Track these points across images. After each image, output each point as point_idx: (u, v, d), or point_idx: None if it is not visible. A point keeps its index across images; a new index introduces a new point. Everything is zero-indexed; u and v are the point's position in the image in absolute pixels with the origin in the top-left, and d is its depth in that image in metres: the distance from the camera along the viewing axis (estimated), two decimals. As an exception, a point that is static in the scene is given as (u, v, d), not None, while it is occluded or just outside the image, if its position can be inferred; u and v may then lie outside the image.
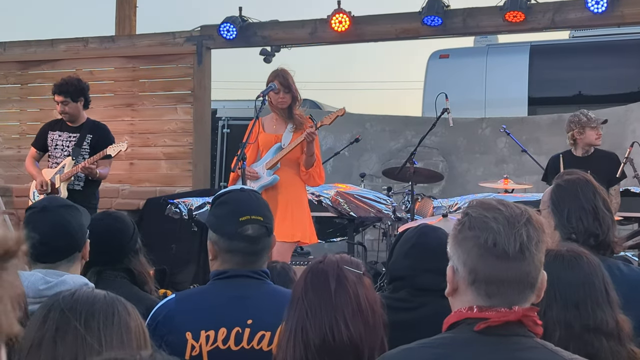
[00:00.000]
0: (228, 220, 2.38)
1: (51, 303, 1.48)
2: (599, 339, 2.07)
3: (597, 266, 2.20)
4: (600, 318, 2.11)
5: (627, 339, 2.13)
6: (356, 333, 2.00)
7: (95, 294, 1.49)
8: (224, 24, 7.93)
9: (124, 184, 8.15)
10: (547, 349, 1.60)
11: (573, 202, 2.67)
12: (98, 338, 1.42)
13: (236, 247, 2.37)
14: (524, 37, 10.21)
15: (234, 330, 2.28)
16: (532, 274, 1.60)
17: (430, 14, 7.38)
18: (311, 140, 4.88)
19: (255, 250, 2.38)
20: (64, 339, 1.42)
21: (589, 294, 2.13)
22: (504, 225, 1.59)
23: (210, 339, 2.27)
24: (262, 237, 2.39)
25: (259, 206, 2.44)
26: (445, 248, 2.56)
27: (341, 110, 5.10)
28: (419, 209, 6.57)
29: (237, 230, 2.36)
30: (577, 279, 2.16)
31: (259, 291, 2.38)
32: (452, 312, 1.66)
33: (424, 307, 2.53)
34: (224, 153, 10.53)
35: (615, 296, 2.17)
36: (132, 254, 2.90)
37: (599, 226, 2.62)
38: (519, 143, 7.55)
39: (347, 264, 2.09)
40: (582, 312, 2.12)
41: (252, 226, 2.37)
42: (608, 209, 2.67)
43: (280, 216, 4.95)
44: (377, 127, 10.04)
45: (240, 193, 2.49)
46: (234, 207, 2.41)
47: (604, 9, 6.93)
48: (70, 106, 5.87)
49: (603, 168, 5.61)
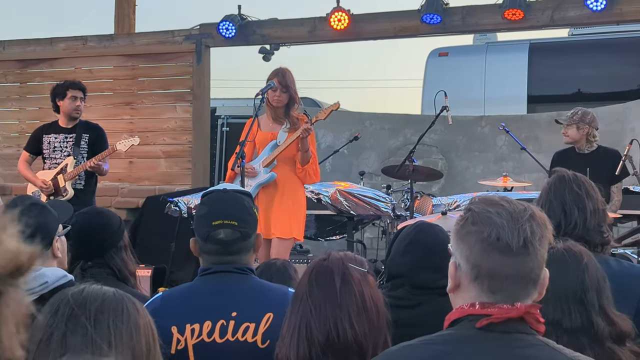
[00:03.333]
0: (203, 223, 2.43)
1: (59, 299, 1.48)
2: (590, 341, 2.07)
3: (592, 264, 2.20)
4: (592, 320, 2.10)
5: (628, 339, 2.12)
6: (361, 331, 1.99)
7: (105, 291, 1.48)
8: (223, 22, 7.92)
9: (124, 183, 8.16)
10: (549, 346, 1.59)
11: (545, 196, 2.74)
12: (107, 336, 1.41)
13: (209, 250, 2.42)
14: (523, 35, 10.22)
15: (219, 323, 2.30)
16: (535, 269, 1.59)
17: (430, 11, 7.38)
18: (306, 136, 4.88)
19: (229, 252, 2.41)
20: (72, 337, 1.41)
21: (581, 295, 2.13)
22: (507, 220, 1.58)
23: (195, 333, 2.29)
24: (236, 241, 2.40)
25: (236, 210, 2.44)
26: (442, 245, 2.57)
27: (335, 104, 5.09)
28: (418, 207, 6.57)
29: (210, 234, 2.39)
30: (570, 279, 2.16)
31: (244, 285, 2.40)
32: (454, 309, 1.65)
33: (423, 305, 2.52)
34: (223, 151, 10.52)
35: (610, 295, 2.17)
36: (114, 250, 2.89)
37: (563, 218, 2.64)
38: (518, 141, 7.54)
39: (351, 261, 2.09)
40: (572, 311, 2.12)
41: (225, 231, 2.39)
42: (581, 202, 2.68)
43: (278, 213, 4.95)
44: (376, 125, 10.04)
45: (221, 194, 2.50)
46: (209, 210, 2.45)
47: (603, 6, 6.93)
48: (83, 104, 6.00)
49: (605, 165, 5.61)
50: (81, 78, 6.98)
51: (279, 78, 4.95)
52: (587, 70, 10.41)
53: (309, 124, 4.90)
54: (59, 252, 2.52)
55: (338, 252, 2.14)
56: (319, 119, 5.05)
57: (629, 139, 6.20)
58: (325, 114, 5.05)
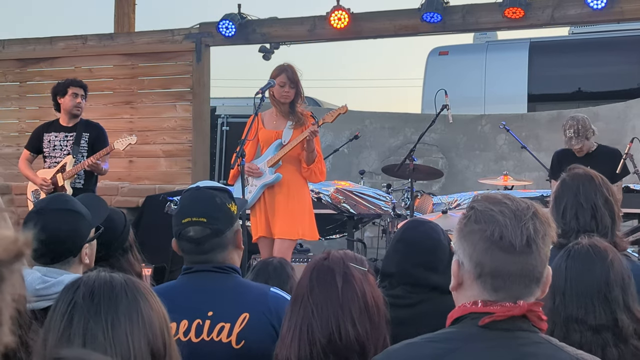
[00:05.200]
0: (175, 221, 2.44)
1: (70, 299, 1.49)
2: (615, 338, 2.05)
3: (618, 261, 2.17)
4: (617, 317, 2.08)
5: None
6: (363, 331, 1.98)
7: (118, 292, 1.50)
8: (222, 21, 7.92)
9: (124, 182, 8.15)
10: (551, 344, 1.59)
11: (571, 198, 2.66)
12: (119, 334, 1.45)
13: (183, 248, 2.43)
14: (523, 34, 10.21)
15: (195, 322, 2.30)
16: (538, 268, 1.59)
17: (430, 10, 7.37)
18: (312, 138, 4.86)
19: (202, 251, 2.40)
20: (87, 335, 1.44)
21: (606, 291, 2.11)
22: (510, 218, 1.58)
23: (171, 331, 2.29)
24: (207, 238, 2.39)
25: (206, 207, 2.42)
26: (432, 241, 2.57)
27: (343, 107, 5.08)
28: (419, 205, 6.56)
29: (181, 232, 2.41)
30: (595, 275, 2.14)
31: (223, 284, 2.39)
32: (457, 307, 1.64)
33: (423, 304, 2.51)
34: (223, 150, 10.52)
35: (635, 293, 2.15)
36: (120, 252, 2.83)
37: (595, 225, 2.61)
38: (518, 140, 7.54)
39: (351, 260, 2.07)
40: (596, 308, 2.09)
41: (194, 228, 2.39)
42: (610, 207, 2.64)
43: (281, 213, 4.93)
44: (376, 124, 10.03)
45: (193, 192, 2.50)
46: (180, 208, 2.47)
47: (603, 5, 6.92)
48: (84, 102, 6.00)
49: (605, 164, 5.60)
50: (81, 77, 6.97)
51: (288, 74, 4.94)
52: (588, 69, 10.41)
53: (316, 126, 4.88)
54: (87, 257, 2.45)
55: (338, 251, 2.12)
56: (326, 121, 5.03)
57: (629, 137, 6.19)
58: (333, 116, 5.04)
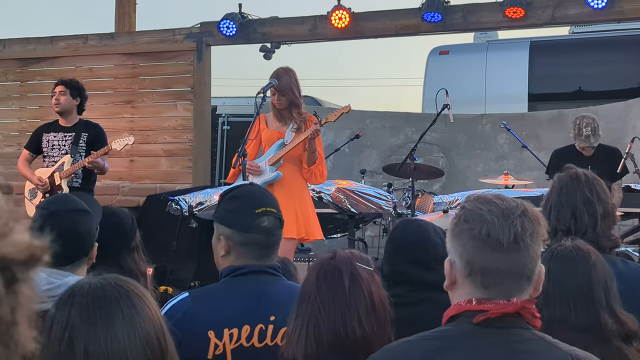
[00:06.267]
0: (243, 213, 2.34)
1: (65, 320, 1.49)
2: (597, 338, 2.07)
3: (600, 263, 2.19)
4: (599, 317, 2.10)
5: (635, 339, 2.12)
6: (369, 330, 1.98)
7: (113, 308, 1.50)
8: (223, 20, 7.92)
9: (124, 181, 8.15)
10: (545, 341, 1.61)
11: (555, 197, 2.69)
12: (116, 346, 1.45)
13: (252, 240, 2.32)
14: (523, 33, 10.21)
15: (258, 327, 2.25)
16: (528, 265, 1.61)
17: (430, 10, 7.38)
18: (314, 137, 4.85)
19: (270, 243, 2.36)
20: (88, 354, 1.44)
21: (588, 292, 2.13)
22: (498, 216, 1.60)
23: (234, 337, 2.23)
24: (277, 228, 2.38)
25: (271, 199, 2.44)
26: (423, 239, 2.58)
27: (346, 107, 5.08)
28: (420, 205, 6.57)
29: (254, 223, 2.32)
30: (577, 276, 2.16)
31: (277, 287, 2.34)
32: (452, 305, 1.67)
33: (424, 303, 2.51)
34: (224, 150, 10.53)
35: (617, 294, 2.17)
36: (126, 251, 2.82)
37: (574, 224, 2.61)
38: (519, 139, 7.54)
39: (358, 260, 2.07)
40: (579, 309, 2.11)
41: (268, 218, 2.35)
42: (591, 206, 2.62)
43: (283, 213, 4.92)
44: (377, 123, 10.04)
45: (250, 187, 2.50)
46: (248, 200, 2.38)
47: (604, 4, 6.92)
48: (67, 98, 5.96)
49: (606, 163, 5.61)
50: (82, 77, 6.99)
51: (276, 84, 4.83)
52: (588, 68, 10.42)
53: (318, 125, 4.86)
54: (94, 256, 2.47)
55: (344, 251, 2.11)
56: (329, 120, 5.02)
57: (630, 136, 6.20)
58: (336, 116, 5.03)
